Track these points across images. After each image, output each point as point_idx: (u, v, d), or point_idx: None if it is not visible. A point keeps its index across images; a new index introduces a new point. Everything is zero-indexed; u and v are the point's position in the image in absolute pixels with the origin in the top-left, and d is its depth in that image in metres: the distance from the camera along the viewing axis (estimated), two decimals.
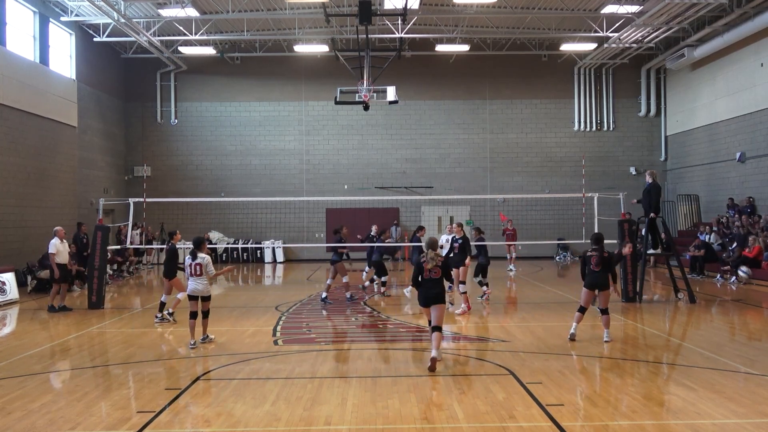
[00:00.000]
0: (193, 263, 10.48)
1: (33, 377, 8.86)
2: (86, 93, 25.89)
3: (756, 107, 23.07)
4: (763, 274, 18.41)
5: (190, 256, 10.50)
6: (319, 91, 29.23)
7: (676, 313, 13.93)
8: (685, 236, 25.69)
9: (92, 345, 11.34)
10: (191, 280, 10.53)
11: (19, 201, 20.73)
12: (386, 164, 29.97)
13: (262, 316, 13.74)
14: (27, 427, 6.71)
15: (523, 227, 27.27)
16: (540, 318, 13.14)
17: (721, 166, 25.46)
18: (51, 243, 14.80)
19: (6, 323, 14.07)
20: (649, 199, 15.24)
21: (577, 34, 26.04)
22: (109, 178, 28.13)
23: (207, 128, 30.05)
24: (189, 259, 10.52)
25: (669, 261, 17.65)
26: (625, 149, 30.38)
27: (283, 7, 24.01)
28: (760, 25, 21.43)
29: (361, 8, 18.43)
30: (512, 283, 20.59)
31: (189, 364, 9.52)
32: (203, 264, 10.47)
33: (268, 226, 28.65)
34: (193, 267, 10.47)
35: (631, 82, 30.33)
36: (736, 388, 7.81)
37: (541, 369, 8.84)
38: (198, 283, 10.51)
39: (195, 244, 10.66)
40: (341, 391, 7.88)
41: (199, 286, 10.52)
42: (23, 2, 21.69)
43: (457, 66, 29.58)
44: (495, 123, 30.19)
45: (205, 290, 10.58)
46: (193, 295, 10.56)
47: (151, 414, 7.03)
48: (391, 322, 13.17)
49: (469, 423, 6.62)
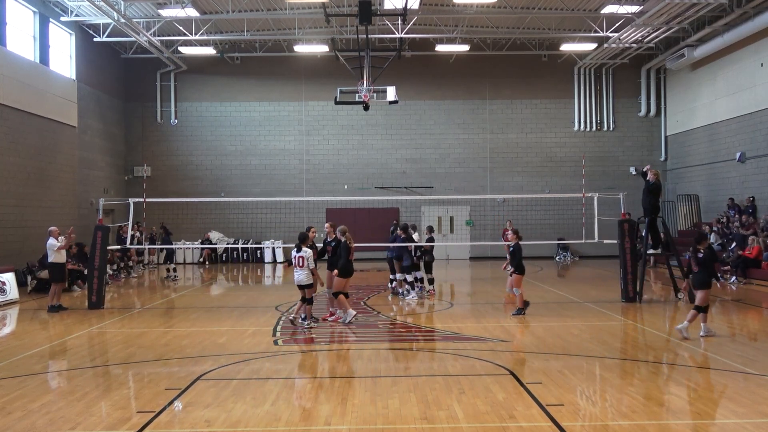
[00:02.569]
0: (297, 255, 11.87)
1: (33, 377, 8.86)
2: (86, 93, 25.89)
3: (756, 107, 23.07)
4: (763, 274, 18.40)
5: (295, 249, 11.90)
6: (319, 91, 29.23)
7: (676, 313, 13.92)
8: (685, 236, 25.69)
9: (92, 345, 11.34)
10: (295, 271, 11.93)
11: (19, 201, 20.73)
12: (386, 164, 29.96)
13: (262, 316, 13.73)
14: (27, 427, 6.71)
15: (523, 227, 27.16)
16: (540, 318, 13.13)
17: (721, 166, 25.46)
18: (48, 243, 14.93)
19: (6, 323, 14.08)
20: (649, 200, 15.21)
21: (577, 34, 26.04)
22: (109, 178, 28.14)
23: (207, 128, 30.06)
24: (294, 251, 11.92)
25: (669, 261, 17.65)
26: (625, 149, 30.38)
27: (283, 7, 24.01)
28: (760, 25, 21.43)
29: (361, 8, 18.43)
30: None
31: (189, 364, 9.52)
32: (306, 257, 11.80)
33: (268, 226, 28.64)
34: (297, 259, 11.88)
35: (631, 82, 30.33)
36: (736, 388, 7.81)
37: (541, 369, 8.84)
38: (300, 273, 11.86)
39: (300, 239, 11.99)
40: (341, 391, 7.87)
41: (302, 275, 11.84)
42: (23, 2, 21.69)
43: (457, 66, 29.58)
44: (495, 123, 30.20)
45: (306, 280, 11.86)
46: (298, 284, 11.96)
47: (151, 414, 7.03)
48: (391, 322, 13.17)
49: (469, 423, 6.62)
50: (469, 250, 29.90)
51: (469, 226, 29.86)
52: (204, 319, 13.57)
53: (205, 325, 12.73)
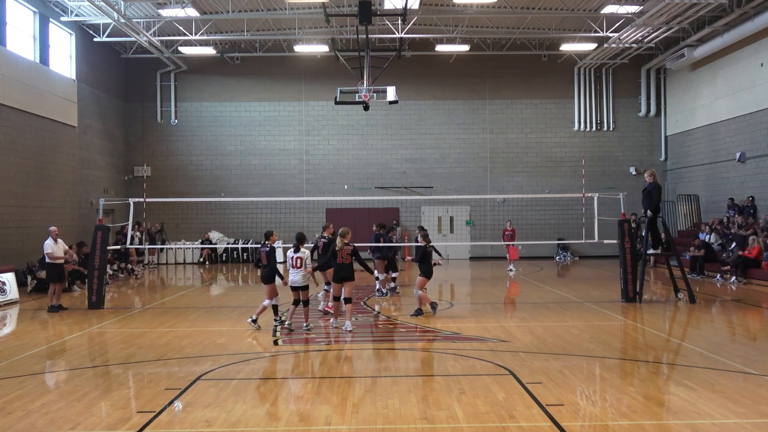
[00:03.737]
0: (294, 256, 11.62)
1: (33, 377, 8.86)
2: (86, 93, 25.89)
3: (756, 107, 23.07)
4: (763, 274, 18.40)
5: (292, 249, 11.65)
6: (319, 91, 29.23)
7: (676, 313, 13.93)
8: (685, 236, 25.70)
9: (92, 345, 11.34)
10: (291, 272, 11.62)
11: (19, 201, 20.73)
12: (386, 164, 29.96)
13: (263, 316, 13.72)
14: (27, 427, 6.71)
15: (523, 227, 27.28)
16: (540, 318, 13.13)
17: (721, 166, 25.46)
18: (45, 243, 14.91)
19: (6, 323, 14.07)
20: (650, 200, 15.21)
21: (577, 34, 26.04)
22: (109, 178, 28.14)
23: (207, 128, 30.05)
24: (291, 252, 11.65)
25: (669, 261, 17.65)
26: (625, 149, 30.38)
27: (283, 7, 24.01)
28: (760, 25, 21.43)
29: (361, 8, 18.43)
30: (511, 282, 20.58)
31: (189, 364, 9.52)
32: (303, 257, 11.60)
33: (268, 226, 28.45)
34: (294, 260, 11.60)
35: (631, 82, 30.32)
36: (736, 388, 7.81)
37: (541, 369, 8.84)
38: (295, 274, 11.62)
39: (298, 239, 11.81)
40: (341, 391, 7.87)
41: (297, 277, 11.62)
42: (23, 2, 21.69)
43: (457, 66, 29.58)
44: (495, 123, 30.19)
45: (302, 281, 11.64)
46: (293, 286, 11.68)
47: (151, 414, 7.03)
48: (390, 321, 13.16)
49: (469, 423, 6.62)
50: (469, 250, 29.90)
51: (469, 226, 29.87)
52: (204, 319, 13.57)
53: (205, 325, 12.73)
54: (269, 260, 12.10)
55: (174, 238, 28.61)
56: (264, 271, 12.22)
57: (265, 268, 12.14)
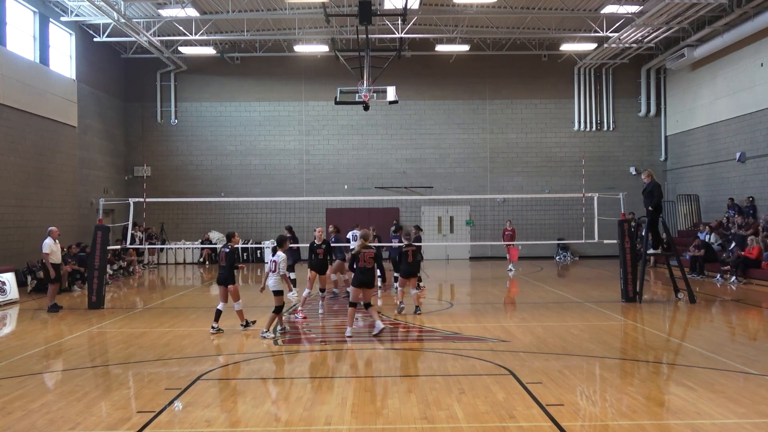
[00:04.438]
0: (271, 260, 11.23)
1: (33, 377, 8.86)
2: (86, 93, 25.89)
3: (756, 107, 23.06)
4: (763, 274, 18.40)
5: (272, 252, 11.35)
6: (319, 91, 29.23)
7: (676, 313, 13.92)
8: (685, 236, 25.70)
9: (92, 345, 11.34)
10: (270, 276, 11.18)
11: (19, 201, 20.73)
12: (386, 164, 29.96)
13: (262, 316, 13.72)
14: (27, 427, 6.71)
15: (523, 227, 27.28)
16: (540, 318, 13.13)
17: (721, 166, 25.46)
18: (44, 243, 14.87)
19: (6, 323, 14.07)
20: (651, 199, 15.19)
21: (577, 34, 26.04)
22: (109, 178, 28.14)
23: (207, 128, 30.05)
24: (271, 255, 11.31)
25: (669, 261, 17.65)
26: (625, 149, 30.38)
27: (283, 7, 24.01)
28: (760, 25, 21.43)
29: (361, 8, 18.43)
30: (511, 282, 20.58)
31: (189, 364, 9.52)
32: (278, 261, 11.10)
33: (268, 226, 28.60)
34: (271, 263, 11.19)
35: (631, 82, 30.32)
36: (736, 388, 7.81)
37: (541, 369, 8.83)
38: (270, 278, 11.17)
39: (278, 242, 11.53)
40: (341, 391, 7.87)
41: (270, 281, 11.18)
42: (23, 2, 21.69)
43: (457, 66, 29.58)
44: (495, 123, 30.19)
45: (274, 285, 11.15)
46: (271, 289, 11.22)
47: (151, 414, 7.02)
48: (390, 322, 13.16)
49: (469, 423, 6.62)
50: (469, 250, 29.91)
51: (469, 226, 29.87)
52: (204, 319, 13.55)
53: (205, 325, 12.70)
54: (228, 261, 11.84)
55: (174, 238, 28.61)
56: (220, 273, 11.98)
57: (223, 269, 11.89)
